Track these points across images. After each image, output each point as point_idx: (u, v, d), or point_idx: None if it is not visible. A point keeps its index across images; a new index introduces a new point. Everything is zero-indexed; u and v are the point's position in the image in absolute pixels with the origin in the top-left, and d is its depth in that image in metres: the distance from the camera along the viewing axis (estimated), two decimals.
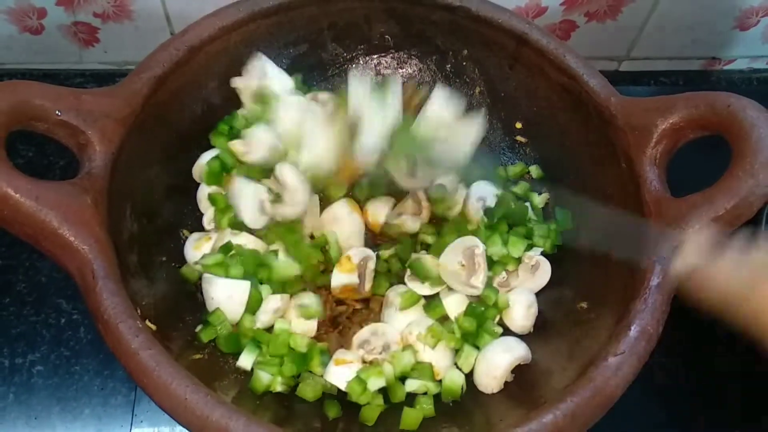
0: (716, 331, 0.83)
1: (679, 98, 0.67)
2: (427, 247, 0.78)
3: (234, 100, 0.77)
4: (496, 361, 0.69)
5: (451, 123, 0.71)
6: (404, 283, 0.76)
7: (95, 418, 0.74)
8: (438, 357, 0.70)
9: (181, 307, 0.69)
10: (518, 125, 0.84)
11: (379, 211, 0.80)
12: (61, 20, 0.92)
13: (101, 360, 0.77)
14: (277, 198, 0.73)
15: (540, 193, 0.83)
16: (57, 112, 0.61)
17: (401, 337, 0.72)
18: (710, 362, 0.82)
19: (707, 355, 0.83)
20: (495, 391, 0.69)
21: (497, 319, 0.75)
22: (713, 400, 0.80)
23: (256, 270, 0.71)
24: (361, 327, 0.73)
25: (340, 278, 0.73)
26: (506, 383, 0.70)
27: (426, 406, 0.68)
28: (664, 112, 0.67)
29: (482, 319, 0.72)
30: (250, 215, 0.72)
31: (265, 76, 0.75)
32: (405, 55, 0.87)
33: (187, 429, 0.54)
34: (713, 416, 0.79)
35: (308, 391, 0.68)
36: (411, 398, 0.69)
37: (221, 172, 0.76)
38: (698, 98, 0.66)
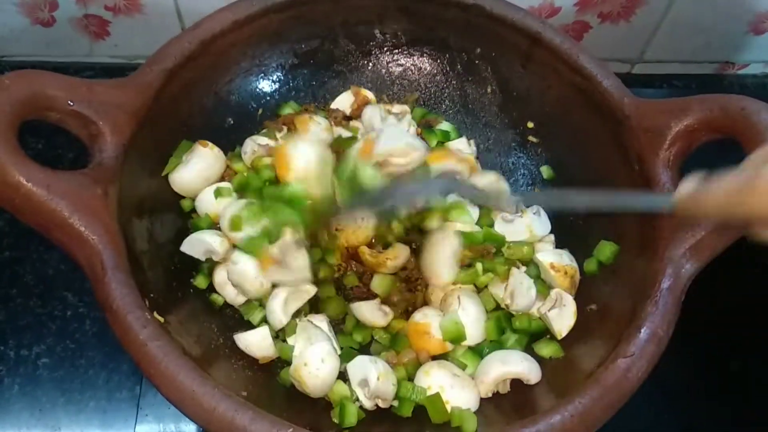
0: (727, 332, 0.83)
1: (694, 100, 0.67)
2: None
3: (244, 95, 0.76)
4: (487, 369, 0.67)
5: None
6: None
7: (100, 411, 0.74)
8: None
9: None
10: (530, 125, 0.84)
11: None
12: (73, 13, 0.93)
13: (107, 353, 0.77)
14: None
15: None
16: (69, 102, 0.61)
17: None
18: (720, 364, 0.82)
19: (717, 357, 0.83)
20: (481, 396, 0.67)
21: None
22: (722, 401, 0.80)
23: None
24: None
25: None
26: (498, 395, 0.68)
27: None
28: (678, 114, 0.67)
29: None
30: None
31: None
32: (417, 53, 0.86)
33: (193, 421, 0.54)
34: (721, 417, 0.79)
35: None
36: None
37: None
38: (712, 101, 0.66)
